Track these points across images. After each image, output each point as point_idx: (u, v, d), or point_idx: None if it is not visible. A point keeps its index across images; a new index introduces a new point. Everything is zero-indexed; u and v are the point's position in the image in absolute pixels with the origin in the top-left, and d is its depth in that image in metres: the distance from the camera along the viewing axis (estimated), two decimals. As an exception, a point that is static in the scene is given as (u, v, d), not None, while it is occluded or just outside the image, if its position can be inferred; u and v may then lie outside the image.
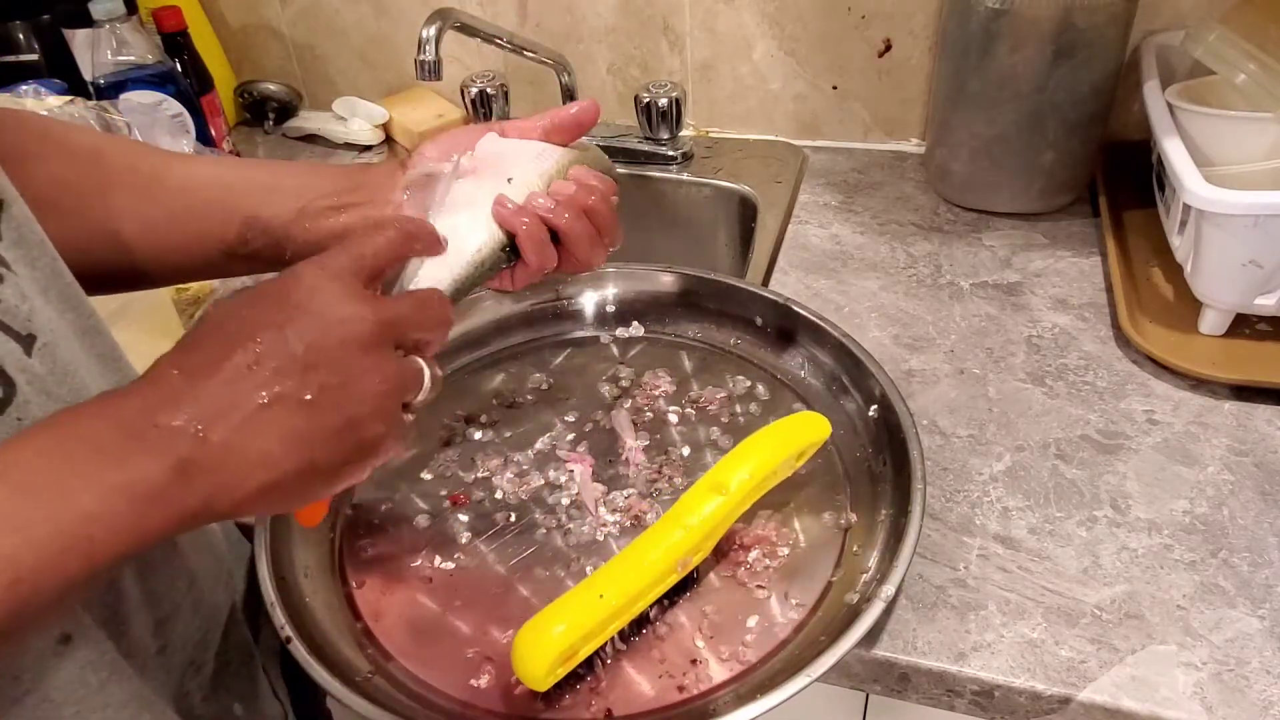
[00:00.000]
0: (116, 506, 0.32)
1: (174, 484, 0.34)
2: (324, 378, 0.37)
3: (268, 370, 0.36)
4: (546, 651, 0.47)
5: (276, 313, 0.38)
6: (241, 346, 0.36)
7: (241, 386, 0.36)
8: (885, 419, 0.62)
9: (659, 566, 0.51)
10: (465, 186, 0.51)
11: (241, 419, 0.35)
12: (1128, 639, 0.52)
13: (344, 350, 0.38)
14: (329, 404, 0.37)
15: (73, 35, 0.98)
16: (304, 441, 0.37)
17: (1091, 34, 0.78)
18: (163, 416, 0.34)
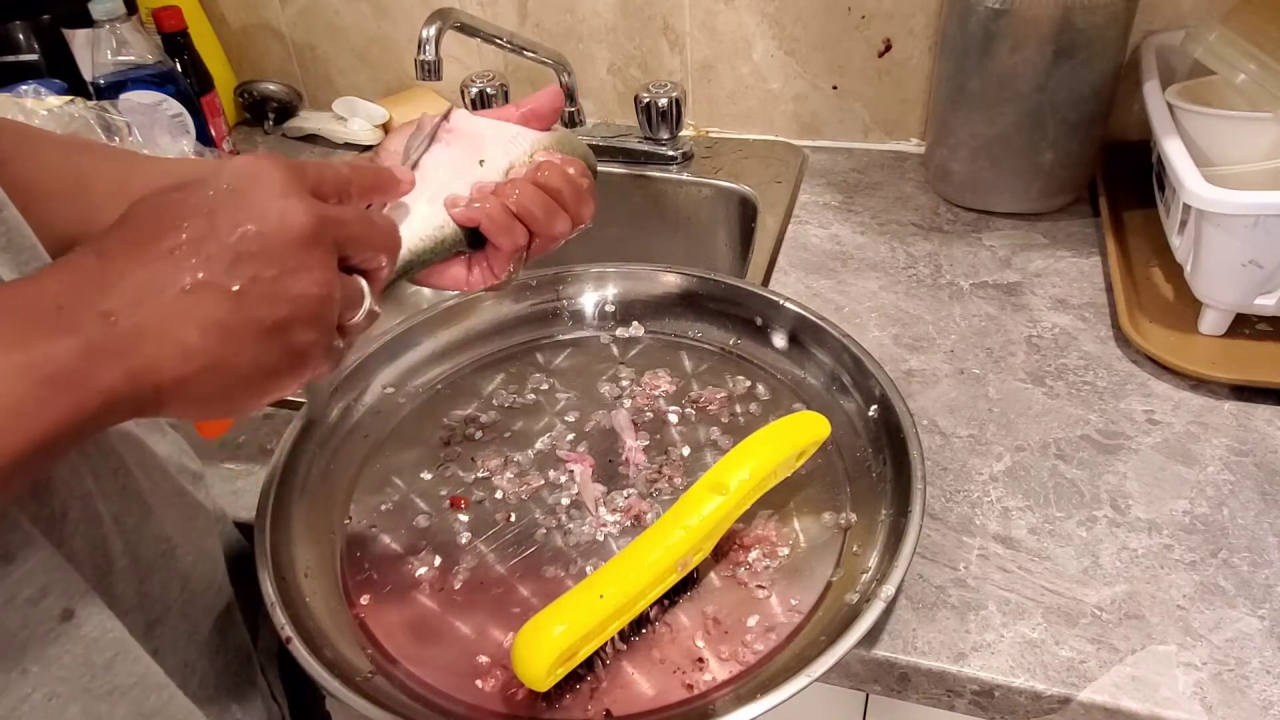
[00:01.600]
0: (17, 388, 0.30)
1: (80, 367, 0.31)
2: (255, 269, 0.34)
3: (192, 255, 0.34)
4: (547, 652, 0.47)
5: (208, 196, 0.35)
6: (166, 230, 0.34)
7: (161, 270, 0.33)
8: (885, 419, 0.62)
9: (659, 566, 0.51)
10: (438, 157, 0.51)
11: (158, 304, 0.33)
12: (1128, 639, 0.52)
13: (279, 242, 0.35)
14: (258, 297, 0.34)
15: (73, 35, 0.98)
16: (227, 334, 0.34)
17: (1091, 34, 0.78)
18: (71, 298, 0.32)
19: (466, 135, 0.52)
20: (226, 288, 0.34)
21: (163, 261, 0.34)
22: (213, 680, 0.52)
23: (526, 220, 0.51)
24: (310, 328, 0.36)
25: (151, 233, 0.34)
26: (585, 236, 1.18)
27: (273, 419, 0.73)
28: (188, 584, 0.50)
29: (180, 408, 0.34)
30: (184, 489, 0.53)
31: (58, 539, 0.41)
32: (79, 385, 0.31)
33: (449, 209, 0.50)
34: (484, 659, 0.52)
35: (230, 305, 0.34)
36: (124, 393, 0.32)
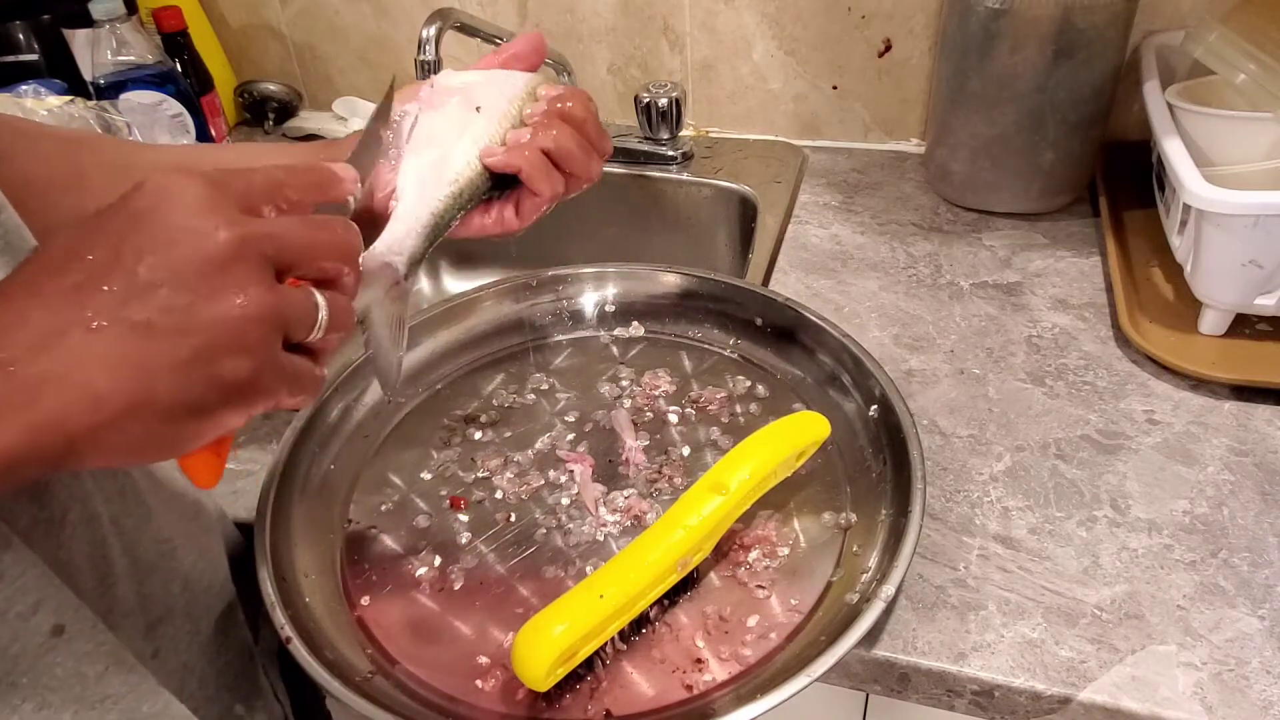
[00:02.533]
0: None
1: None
2: (165, 298, 0.31)
3: (95, 290, 0.31)
4: (547, 652, 0.47)
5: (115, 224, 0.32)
6: (69, 265, 0.31)
7: (62, 310, 0.31)
8: (885, 419, 0.62)
9: (659, 566, 0.51)
10: (431, 120, 0.49)
11: (60, 348, 0.30)
12: (1128, 639, 0.52)
13: (191, 266, 0.32)
14: (170, 329, 0.31)
15: (73, 35, 0.98)
16: (139, 373, 0.31)
17: (1091, 34, 0.78)
18: None
19: (454, 91, 0.50)
20: (134, 322, 0.31)
21: (64, 300, 0.31)
22: (214, 680, 0.52)
23: (566, 161, 0.49)
24: (239, 354, 0.33)
25: (54, 269, 0.32)
26: (585, 236, 1.19)
27: (273, 419, 0.73)
28: (189, 584, 0.50)
29: (102, 457, 0.32)
30: (184, 488, 0.53)
31: (56, 542, 0.41)
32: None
33: (485, 159, 0.48)
34: (484, 659, 0.52)
35: (139, 341, 0.31)
36: (25, 450, 0.29)
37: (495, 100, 0.49)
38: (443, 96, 0.49)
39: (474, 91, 0.50)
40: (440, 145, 0.48)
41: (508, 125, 0.49)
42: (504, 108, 0.49)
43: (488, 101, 0.49)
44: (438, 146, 0.48)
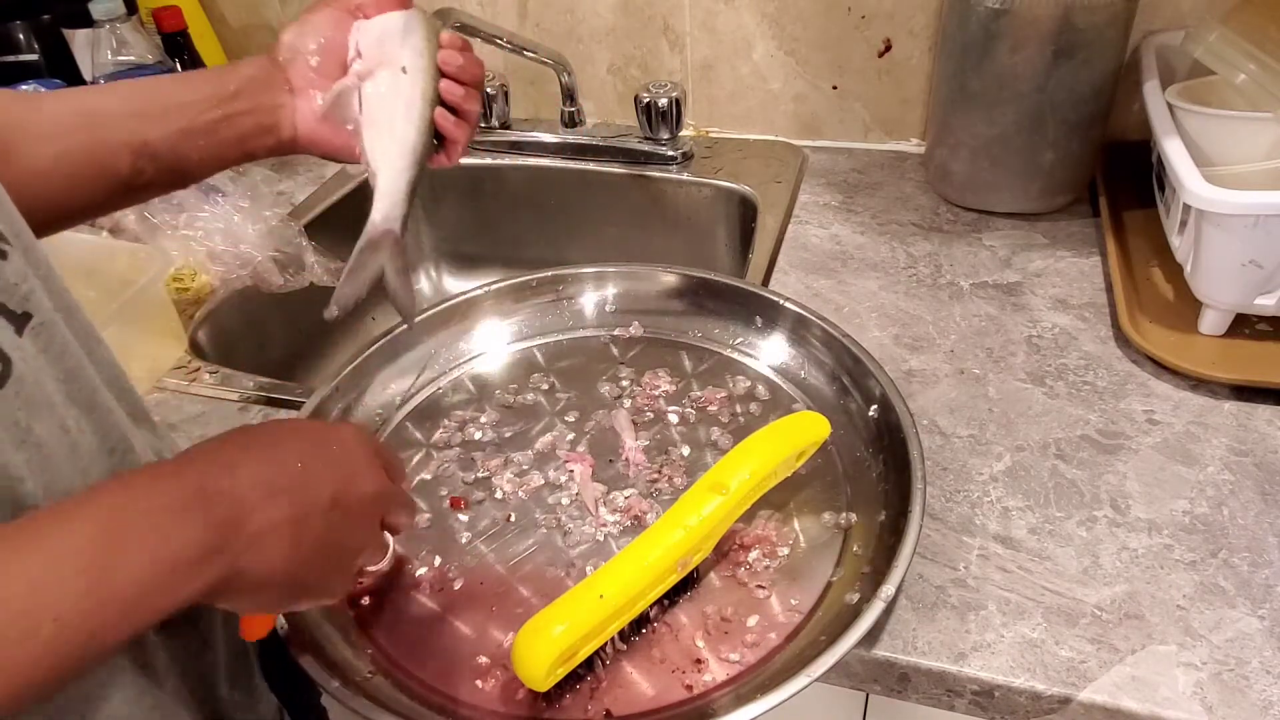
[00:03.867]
0: (169, 572, 0.35)
1: (207, 555, 0.36)
2: (337, 520, 0.42)
3: (303, 493, 0.41)
4: (547, 652, 0.47)
5: (321, 451, 0.44)
6: (288, 465, 0.41)
7: (279, 499, 0.40)
8: (885, 419, 0.62)
9: (659, 567, 0.51)
10: (372, 92, 0.56)
11: (271, 522, 0.39)
12: (1128, 639, 0.52)
13: (358, 504, 0.44)
14: (332, 540, 0.42)
15: (73, 35, 0.98)
16: (303, 559, 0.41)
17: (1091, 34, 0.78)
18: (211, 500, 0.37)
19: (371, 55, 0.57)
20: (318, 527, 0.41)
21: (279, 493, 0.40)
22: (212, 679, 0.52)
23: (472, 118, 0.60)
24: (341, 571, 0.45)
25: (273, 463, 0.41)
26: (585, 236, 1.19)
27: (272, 419, 0.73)
28: None
29: (234, 602, 0.40)
30: None
31: None
32: (198, 573, 0.36)
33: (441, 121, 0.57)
34: (484, 659, 0.52)
35: (315, 540, 0.41)
36: (219, 583, 0.37)
37: (413, 59, 0.57)
38: (371, 64, 0.57)
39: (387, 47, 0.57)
40: (388, 115, 0.56)
41: (430, 79, 0.57)
42: (422, 64, 0.57)
43: (408, 60, 0.56)
44: (386, 117, 0.56)
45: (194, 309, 0.86)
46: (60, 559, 0.33)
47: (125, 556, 0.34)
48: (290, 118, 0.57)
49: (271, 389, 0.75)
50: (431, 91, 0.57)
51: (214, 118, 0.55)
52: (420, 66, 0.56)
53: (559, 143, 1.07)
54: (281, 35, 0.58)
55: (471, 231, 1.14)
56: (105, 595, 0.33)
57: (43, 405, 0.40)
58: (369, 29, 0.57)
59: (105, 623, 0.33)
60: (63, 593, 0.32)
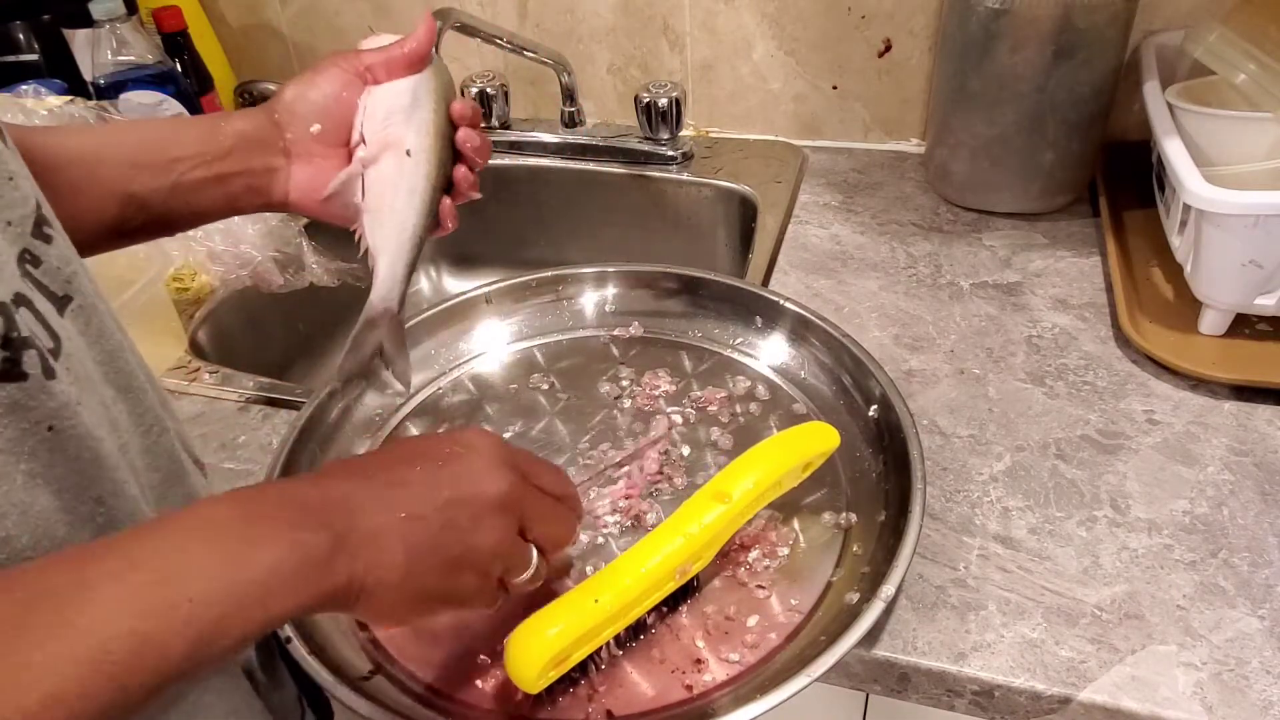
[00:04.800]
0: (292, 563, 0.35)
1: (331, 555, 0.37)
2: (455, 516, 0.41)
3: (416, 493, 0.41)
4: (539, 654, 0.47)
5: (439, 450, 0.43)
6: (404, 467, 0.42)
7: (393, 496, 0.40)
8: (885, 419, 0.62)
9: (657, 573, 0.51)
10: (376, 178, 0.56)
11: (385, 520, 0.39)
12: (1128, 639, 0.52)
13: (479, 503, 0.42)
14: (451, 540, 0.41)
15: (73, 35, 0.98)
16: (420, 560, 0.40)
17: (1091, 34, 0.78)
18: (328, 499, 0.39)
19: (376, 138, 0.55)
20: (433, 526, 0.41)
21: (396, 490, 0.41)
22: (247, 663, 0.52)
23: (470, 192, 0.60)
24: (476, 573, 0.43)
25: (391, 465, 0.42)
26: (585, 236, 1.19)
27: (272, 419, 0.73)
28: None
29: (365, 610, 0.39)
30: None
31: None
32: (327, 572, 0.37)
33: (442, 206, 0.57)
34: (483, 658, 0.52)
35: (431, 539, 0.40)
36: (343, 587, 0.37)
37: (418, 138, 0.56)
38: (375, 150, 0.56)
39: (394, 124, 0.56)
40: (391, 202, 0.56)
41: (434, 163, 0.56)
42: (427, 144, 0.56)
43: (413, 140, 0.56)
44: (389, 203, 0.56)
45: (194, 309, 0.86)
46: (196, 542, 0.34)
47: (255, 548, 0.35)
48: (283, 184, 0.56)
49: (271, 389, 0.75)
50: (435, 175, 0.56)
51: (204, 176, 0.54)
52: (425, 146, 0.56)
53: (559, 143, 1.07)
54: (283, 91, 0.56)
55: (471, 231, 1.14)
56: (237, 580, 0.33)
57: (87, 381, 0.40)
58: (376, 104, 0.56)
59: (234, 610, 0.33)
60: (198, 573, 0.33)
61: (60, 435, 0.37)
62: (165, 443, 0.47)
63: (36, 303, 0.38)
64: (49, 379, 0.37)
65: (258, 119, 0.56)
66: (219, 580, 0.33)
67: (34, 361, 0.36)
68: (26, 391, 0.36)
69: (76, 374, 0.39)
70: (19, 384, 0.36)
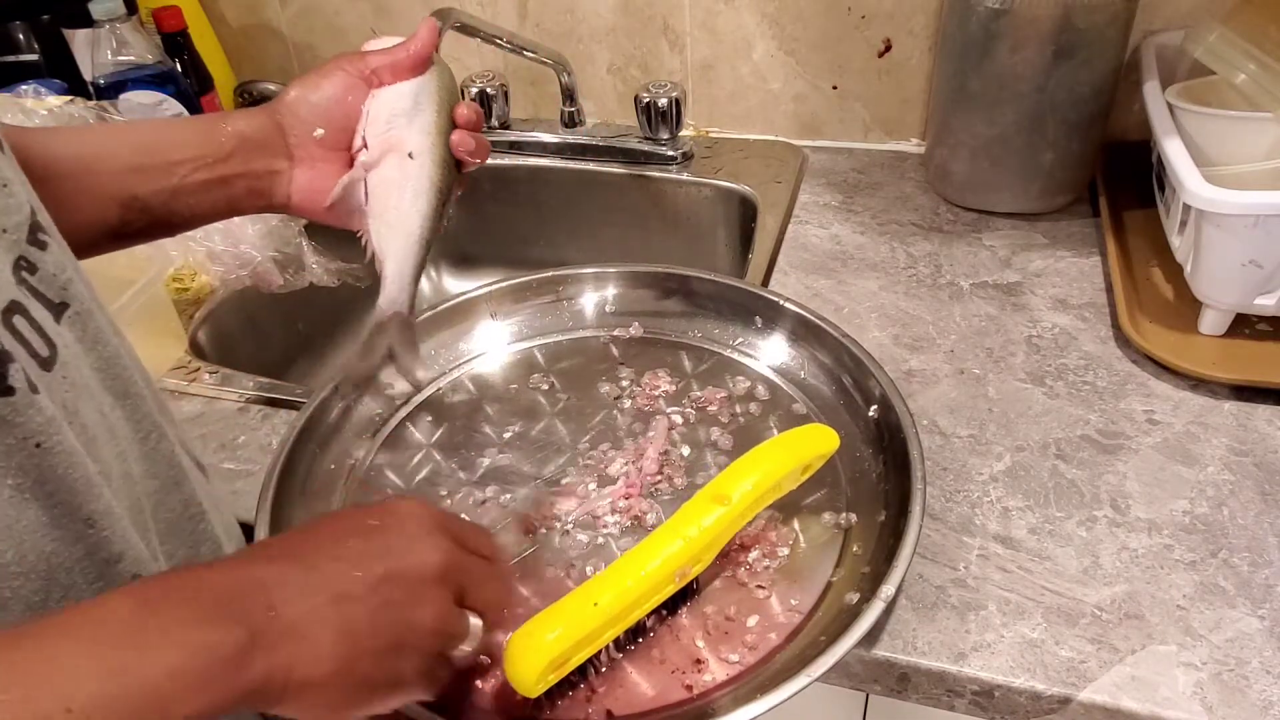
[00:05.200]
0: (197, 664, 0.32)
1: (246, 652, 0.34)
2: (390, 594, 0.38)
3: (345, 570, 0.38)
4: (538, 658, 0.47)
5: (366, 523, 0.41)
6: (328, 544, 0.39)
7: (318, 578, 0.37)
8: (885, 419, 0.62)
9: (656, 576, 0.51)
10: (379, 181, 0.56)
11: (309, 606, 0.36)
12: (1128, 639, 0.52)
13: (415, 575, 0.40)
14: (387, 620, 0.38)
15: (73, 35, 0.98)
16: (354, 645, 0.37)
17: (1091, 34, 0.78)
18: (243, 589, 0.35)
19: (378, 142, 0.56)
20: (366, 605, 0.38)
21: (321, 571, 0.38)
22: None
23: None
24: (418, 653, 0.40)
25: (315, 545, 0.39)
26: (585, 236, 1.19)
27: (271, 419, 0.73)
28: None
29: (295, 707, 0.36)
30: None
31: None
32: (240, 671, 0.33)
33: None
34: (483, 659, 0.52)
35: (366, 620, 0.37)
36: (261, 685, 0.34)
37: (420, 140, 0.56)
38: (377, 153, 0.56)
39: (396, 126, 0.56)
40: (395, 205, 0.56)
41: (438, 165, 0.57)
42: (428, 144, 0.56)
43: (415, 142, 0.56)
44: (394, 206, 0.56)
45: (194, 309, 0.86)
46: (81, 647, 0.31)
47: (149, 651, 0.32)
48: (285, 186, 0.56)
49: (271, 389, 0.75)
50: (439, 176, 0.56)
51: (206, 178, 0.54)
52: (427, 147, 0.56)
53: (559, 143, 1.07)
54: (286, 93, 0.56)
55: (471, 231, 1.14)
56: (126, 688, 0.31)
57: (84, 389, 0.40)
58: (378, 108, 0.56)
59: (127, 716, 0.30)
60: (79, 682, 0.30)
61: (47, 453, 0.37)
62: (164, 448, 0.47)
63: (33, 310, 0.38)
64: (34, 393, 0.37)
65: (260, 120, 0.55)
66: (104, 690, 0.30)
67: (19, 376, 0.36)
68: (13, 407, 0.36)
69: (73, 381, 0.39)
70: (6, 398, 0.35)
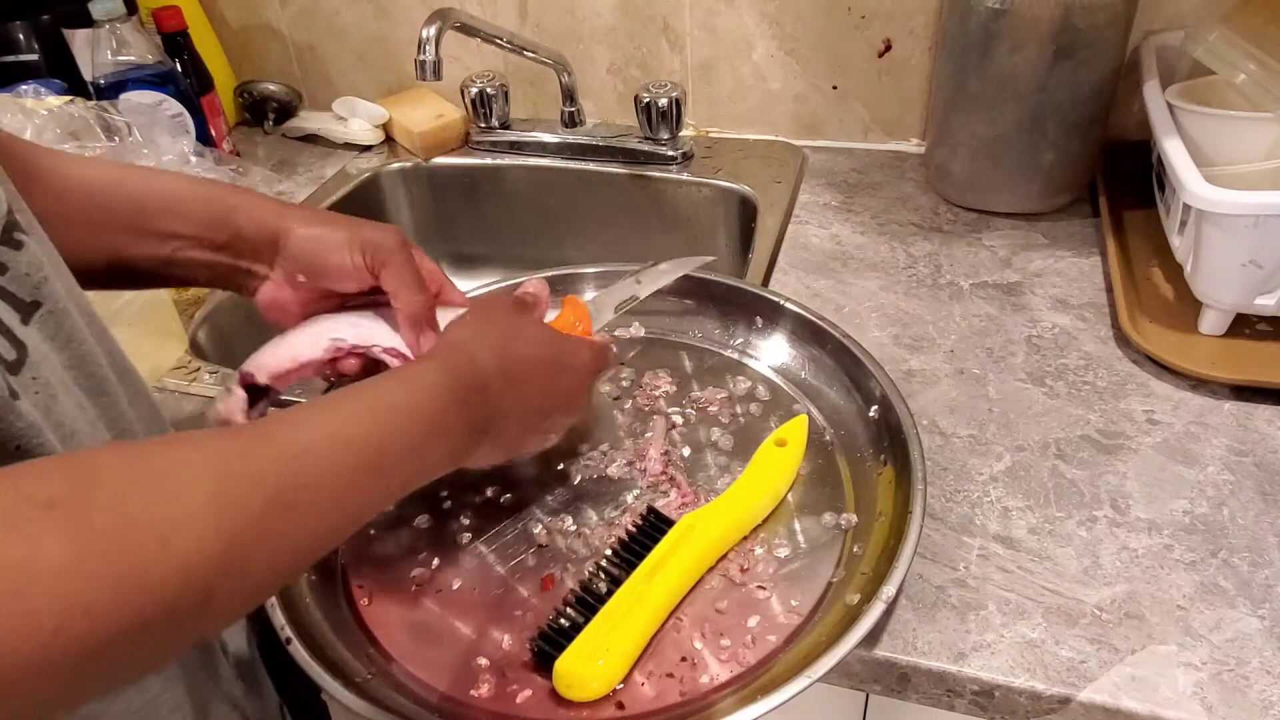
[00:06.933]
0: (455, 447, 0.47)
1: (476, 440, 0.48)
2: (556, 407, 0.54)
3: (532, 397, 0.52)
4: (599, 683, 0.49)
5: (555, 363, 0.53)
6: (535, 370, 0.52)
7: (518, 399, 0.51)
8: (885, 419, 0.62)
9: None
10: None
11: (508, 421, 0.50)
12: (1128, 639, 0.52)
13: (564, 412, 0.55)
14: (541, 426, 0.54)
15: (73, 35, 0.98)
16: (529, 439, 0.54)
17: (1091, 34, 0.78)
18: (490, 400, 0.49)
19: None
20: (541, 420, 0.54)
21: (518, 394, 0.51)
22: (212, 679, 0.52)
23: None
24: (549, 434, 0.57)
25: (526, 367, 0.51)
26: (585, 236, 1.19)
27: (273, 419, 0.73)
28: None
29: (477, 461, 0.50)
30: None
31: None
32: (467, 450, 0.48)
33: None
34: (484, 660, 0.52)
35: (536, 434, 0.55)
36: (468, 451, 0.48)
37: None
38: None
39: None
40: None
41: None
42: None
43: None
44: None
45: (194, 309, 0.86)
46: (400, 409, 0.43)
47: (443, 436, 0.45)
48: (255, 286, 0.58)
49: (271, 389, 0.75)
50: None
51: (197, 258, 0.55)
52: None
53: (559, 143, 1.07)
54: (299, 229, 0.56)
55: (471, 231, 1.14)
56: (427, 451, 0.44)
57: (57, 388, 0.40)
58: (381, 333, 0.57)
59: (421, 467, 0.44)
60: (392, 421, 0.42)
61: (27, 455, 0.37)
62: None
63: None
64: (15, 400, 0.37)
65: (263, 229, 0.56)
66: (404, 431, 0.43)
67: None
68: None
69: (44, 381, 0.39)
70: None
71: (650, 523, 0.57)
